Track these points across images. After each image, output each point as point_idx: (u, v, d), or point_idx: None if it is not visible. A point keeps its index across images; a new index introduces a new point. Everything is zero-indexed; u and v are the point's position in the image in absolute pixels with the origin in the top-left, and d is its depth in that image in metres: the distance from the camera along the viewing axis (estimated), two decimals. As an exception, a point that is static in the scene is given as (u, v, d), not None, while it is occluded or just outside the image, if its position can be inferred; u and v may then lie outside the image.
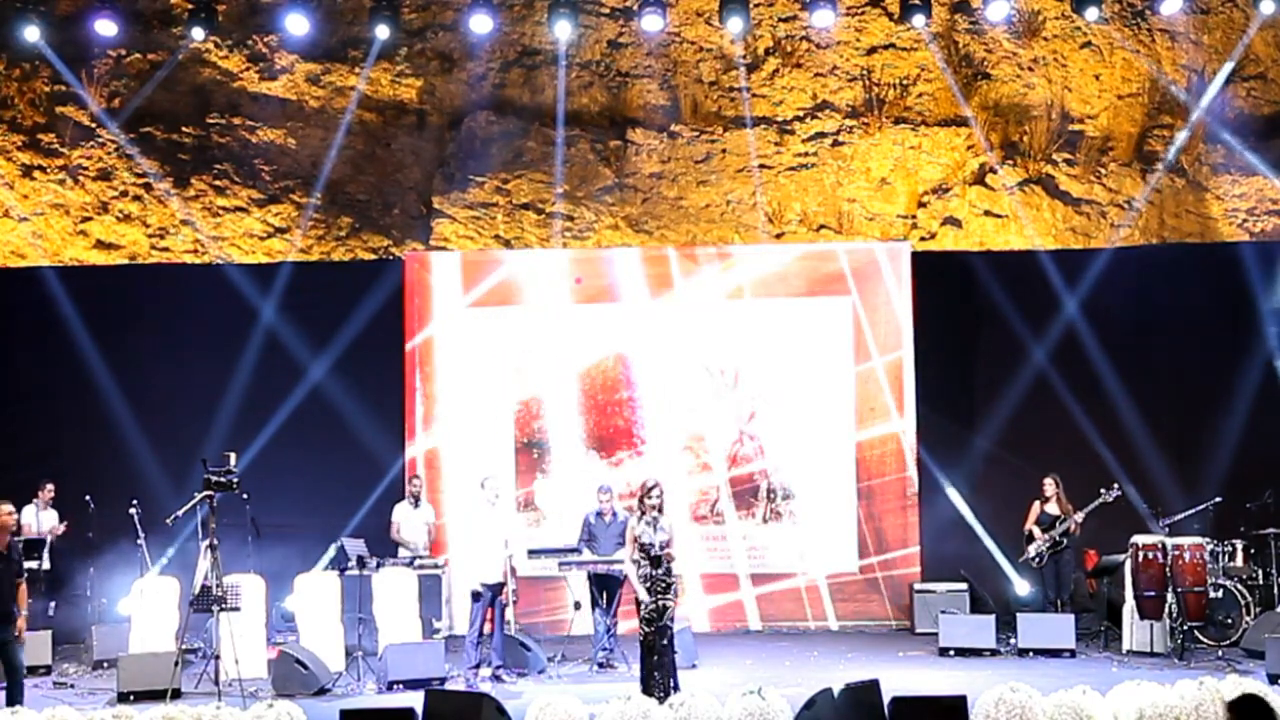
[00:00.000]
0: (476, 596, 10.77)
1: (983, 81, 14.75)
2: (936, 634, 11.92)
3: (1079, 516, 12.10)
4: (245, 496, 10.43)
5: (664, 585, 9.20)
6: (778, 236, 14.78)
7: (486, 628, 10.86)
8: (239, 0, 14.47)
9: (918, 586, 13.31)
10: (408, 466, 13.85)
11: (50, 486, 13.00)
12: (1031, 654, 11.43)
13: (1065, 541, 12.16)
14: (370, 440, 13.81)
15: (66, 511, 13.04)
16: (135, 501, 11.97)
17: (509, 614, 11.00)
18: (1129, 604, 11.66)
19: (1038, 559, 12.29)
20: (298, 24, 13.29)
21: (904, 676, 10.39)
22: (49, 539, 12.81)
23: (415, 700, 8.42)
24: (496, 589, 10.78)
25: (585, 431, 14.03)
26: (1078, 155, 14.75)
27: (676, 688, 9.00)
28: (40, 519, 12.90)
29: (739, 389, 13.98)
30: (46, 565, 12.84)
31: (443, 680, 10.47)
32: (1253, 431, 13.43)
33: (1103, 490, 12.06)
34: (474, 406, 14.03)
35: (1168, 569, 11.22)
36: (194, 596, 9.62)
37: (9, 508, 9.16)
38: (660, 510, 9.39)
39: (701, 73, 14.82)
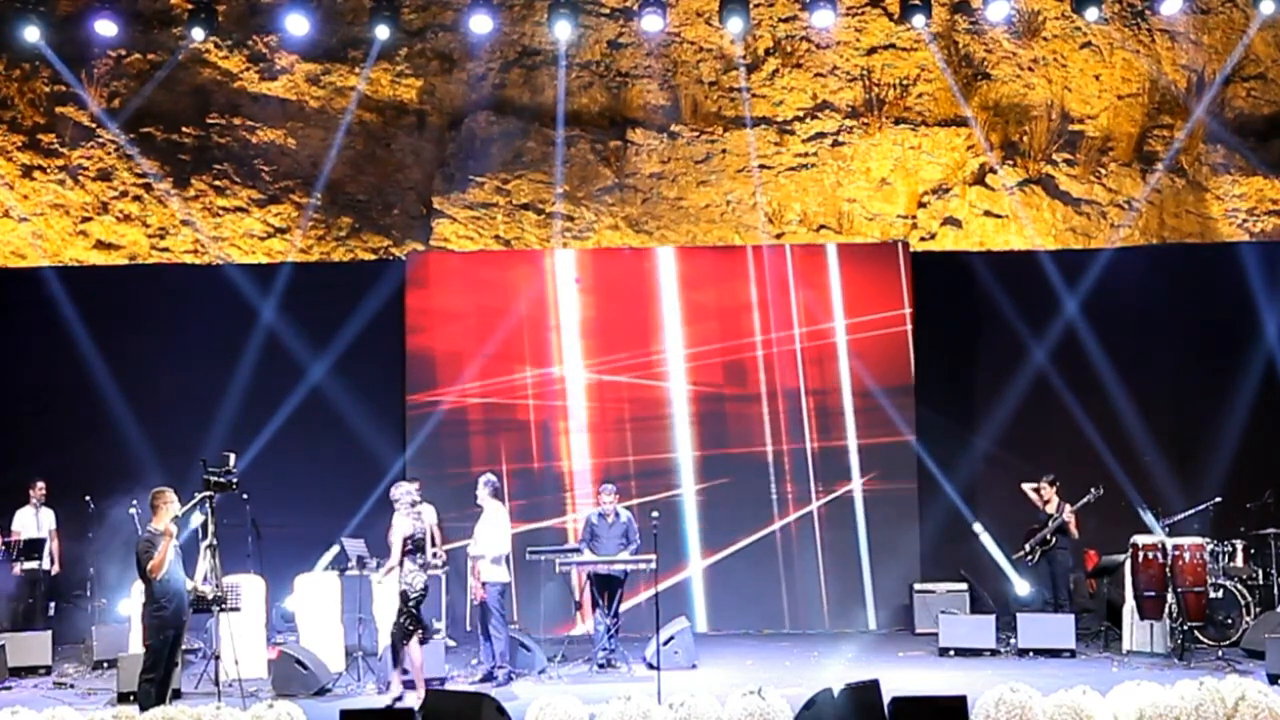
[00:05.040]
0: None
1: (983, 81, 14.75)
2: (936, 634, 11.94)
3: (1068, 514, 12.09)
4: (245, 497, 10.43)
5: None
6: (778, 237, 14.77)
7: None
8: (239, 0, 14.47)
9: (918, 586, 13.31)
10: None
11: (41, 485, 12.92)
12: (1031, 654, 11.45)
13: (1056, 540, 12.14)
14: (370, 440, 13.81)
15: (66, 512, 13.01)
16: (135, 502, 11.95)
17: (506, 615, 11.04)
18: (1129, 604, 11.67)
19: (1029, 556, 12.29)
20: (298, 24, 13.28)
21: (904, 676, 10.41)
22: (49, 540, 12.80)
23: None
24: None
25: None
26: (1078, 155, 14.75)
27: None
28: (40, 519, 12.88)
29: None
30: (47, 565, 12.84)
31: (443, 680, 10.48)
32: (1253, 431, 13.44)
33: (1092, 489, 12.08)
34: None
35: (1168, 569, 11.23)
36: (193, 597, 9.60)
37: None
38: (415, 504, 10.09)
39: (701, 73, 14.81)
